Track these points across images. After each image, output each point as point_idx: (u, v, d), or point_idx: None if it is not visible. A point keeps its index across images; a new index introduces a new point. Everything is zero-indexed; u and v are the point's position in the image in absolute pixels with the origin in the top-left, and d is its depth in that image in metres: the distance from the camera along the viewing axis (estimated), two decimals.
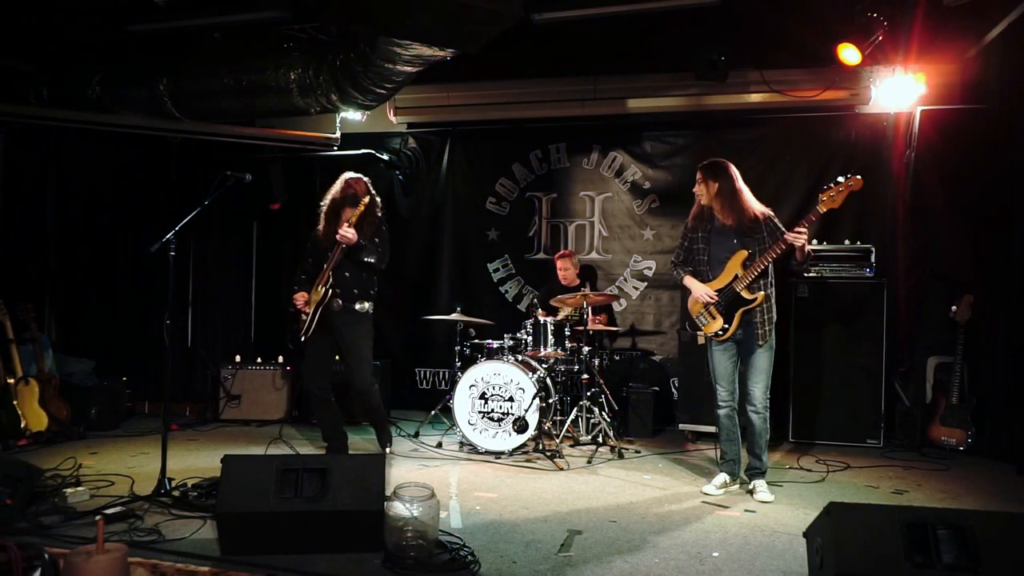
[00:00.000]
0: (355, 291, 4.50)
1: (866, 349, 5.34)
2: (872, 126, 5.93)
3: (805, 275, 5.53)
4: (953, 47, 5.51)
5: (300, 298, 4.57)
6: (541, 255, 6.74)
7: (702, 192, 4.00)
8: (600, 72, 6.18)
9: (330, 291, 4.43)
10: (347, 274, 4.49)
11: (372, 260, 4.48)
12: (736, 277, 3.89)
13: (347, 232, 4.31)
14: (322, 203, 4.68)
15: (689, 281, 4.09)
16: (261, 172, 6.55)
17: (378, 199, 4.65)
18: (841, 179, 3.67)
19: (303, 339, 4.60)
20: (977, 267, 5.38)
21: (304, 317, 4.57)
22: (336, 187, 4.63)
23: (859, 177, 3.65)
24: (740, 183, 3.95)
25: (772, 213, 3.98)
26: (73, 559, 2.41)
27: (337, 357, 4.72)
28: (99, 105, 5.66)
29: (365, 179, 4.67)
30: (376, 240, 4.52)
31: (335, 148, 6.57)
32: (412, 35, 4.32)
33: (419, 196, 6.99)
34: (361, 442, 5.25)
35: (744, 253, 3.89)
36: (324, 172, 7.01)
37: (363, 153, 6.81)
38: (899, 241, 5.76)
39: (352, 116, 6.41)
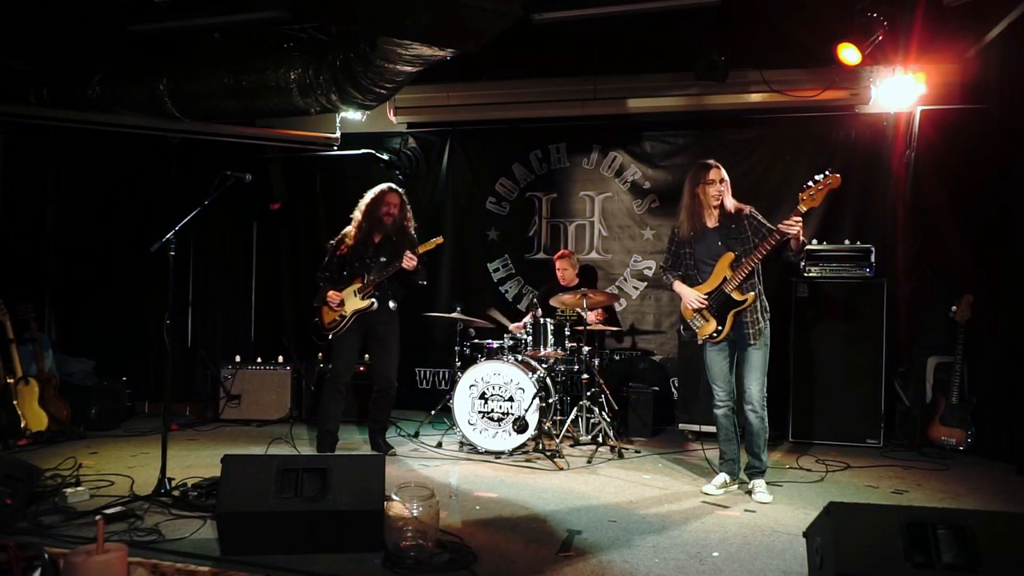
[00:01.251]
0: (390, 292, 4.81)
1: (866, 349, 5.34)
2: (872, 126, 5.93)
3: (805, 275, 5.53)
4: (953, 47, 5.52)
5: (335, 297, 4.73)
6: (541, 255, 6.74)
7: (704, 190, 3.97)
8: (600, 72, 6.18)
9: (374, 302, 4.71)
10: (385, 281, 4.76)
11: (425, 282, 4.95)
12: (725, 279, 3.90)
13: (412, 259, 4.62)
14: (359, 209, 4.87)
15: (679, 286, 4.11)
16: (261, 172, 6.55)
17: (410, 213, 5.00)
18: (819, 177, 3.62)
19: (331, 336, 4.81)
20: (977, 267, 5.38)
21: (335, 316, 4.75)
22: (374, 201, 4.82)
23: (837, 175, 3.61)
24: (728, 181, 3.99)
25: (753, 209, 3.99)
26: (73, 559, 2.41)
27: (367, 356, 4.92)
28: (99, 105, 5.66)
29: (402, 195, 4.94)
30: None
31: (335, 148, 6.58)
32: (412, 35, 4.32)
33: (419, 196, 6.97)
34: (367, 445, 5.24)
35: (731, 255, 3.90)
36: (324, 172, 7.03)
37: (363, 153, 6.81)
38: (899, 241, 5.76)
39: (352, 116, 6.41)
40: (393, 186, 4.96)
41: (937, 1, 4.70)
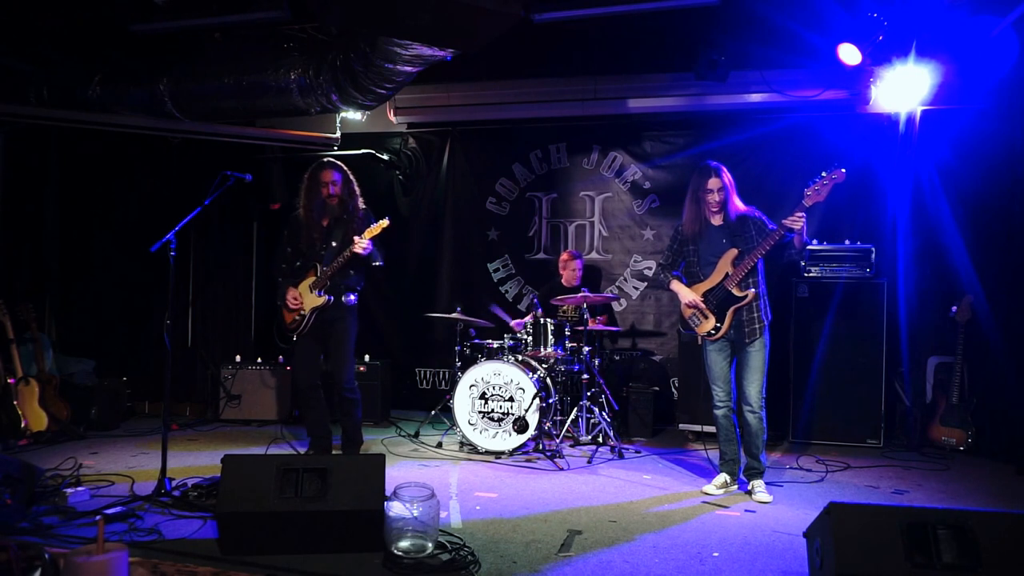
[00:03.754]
0: (343, 286, 4.51)
1: (866, 349, 5.33)
2: (872, 126, 5.93)
3: (805, 275, 5.53)
4: (954, 46, 5.51)
5: (295, 299, 4.47)
6: (541, 255, 6.74)
7: (705, 194, 3.99)
8: (600, 72, 6.18)
9: (330, 297, 4.44)
10: (339, 272, 4.49)
11: (381, 263, 4.58)
12: (727, 275, 3.94)
13: (365, 243, 4.31)
14: (300, 193, 4.58)
15: (676, 285, 4.14)
16: (261, 172, 6.54)
17: (356, 188, 4.60)
18: (825, 173, 3.71)
19: (295, 337, 4.58)
20: (977, 267, 5.38)
21: (295, 315, 4.50)
22: (311, 181, 4.52)
23: (843, 170, 3.70)
24: (733, 183, 4.01)
25: (756, 210, 4.03)
26: (73, 559, 2.41)
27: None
28: (99, 105, 5.66)
29: (343, 167, 4.55)
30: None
31: (335, 148, 6.57)
32: (412, 35, 4.32)
33: (419, 196, 7.00)
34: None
35: (734, 251, 3.94)
36: None
37: (363, 153, 6.82)
38: (899, 241, 5.76)
39: (352, 116, 6.41)
40: (332, 160, 4.60)
41: (936, 1, 4.70)
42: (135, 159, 6.79)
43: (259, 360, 6.33)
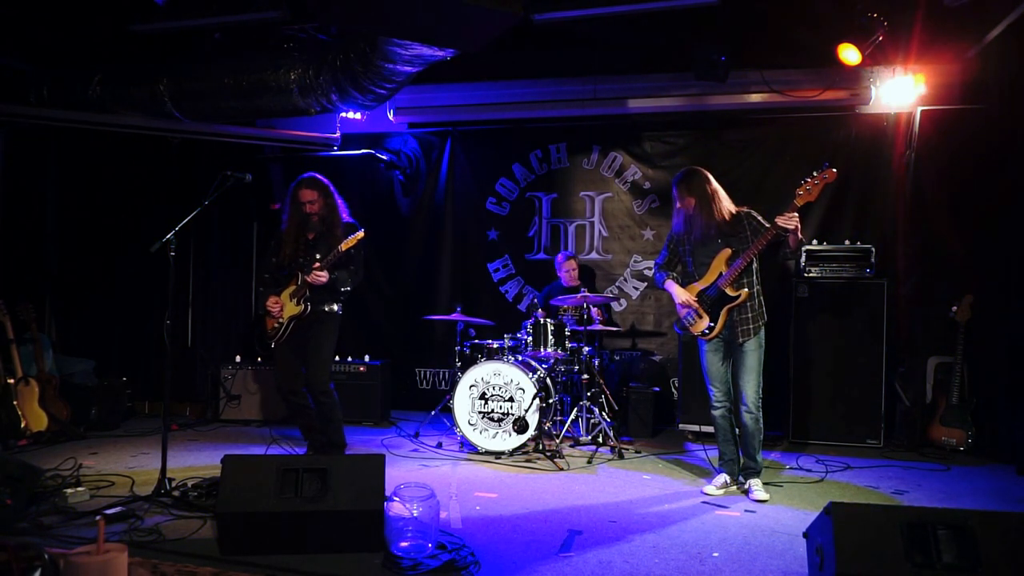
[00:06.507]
0: (324, 296, 4.45)
1: (866, 349, 5.33)
2: (872, 126, 5.93)
3: (805, 275, 5.53)
4: (953, 47, 5.51)
5: (275, 304, 4.42)
6: (541, 255, 6.74)
7: (684, 207, 4.03)
8: (600, 72, 6.18)
9: (306, 305, 4.38)
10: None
11: (349, 288, 4.49)
12: (721, 275, 3.94)
13: (320, 276, 4.26)
14: (286, 209, 4.55)
15: (670, 285, 4.16)
16: (261, 172, 6.53)
17: (339, 205, 4.53)
18: (816, 172, 3.70)
19: (273, 345, 4.51)
20: (977, 267, 5.38)
21: (275, 323, 4.45)
22: (291, 197, 4.49)
23: (833, 170, 3.70)
24: (715, 186, 4.00)
25: (750, 210, 4.02)
26: (73, 559, 2.41)
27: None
28: (99, 105, 5.66)
29: (324, 183, 4.51)
30: (352, 255, 4.43)
31: (335, 148, 6.57)
32: (412, 35, 4.33)
33: (419, 196, 6.99)
34: (363, 446, 5.24)
35: (728, 251, 3.95)
36: (324, 172, 6.93)
37: (363, 153, 6.82)
38: (899, 241, 5.76)
39: (352, 116, 6.41)
40: (312, 176, 4.53)
41: (937, 1, 4.70)
42: (135, 159, 6.78)
43: (259, 360, 6.32)
